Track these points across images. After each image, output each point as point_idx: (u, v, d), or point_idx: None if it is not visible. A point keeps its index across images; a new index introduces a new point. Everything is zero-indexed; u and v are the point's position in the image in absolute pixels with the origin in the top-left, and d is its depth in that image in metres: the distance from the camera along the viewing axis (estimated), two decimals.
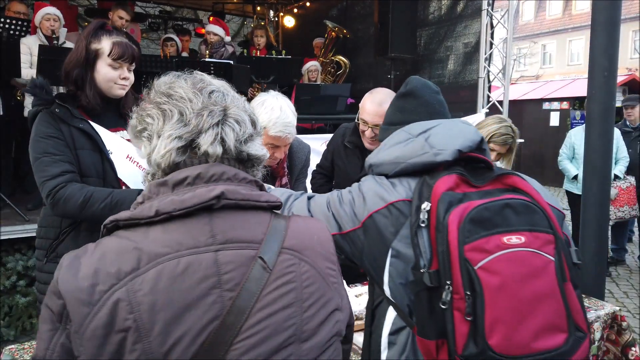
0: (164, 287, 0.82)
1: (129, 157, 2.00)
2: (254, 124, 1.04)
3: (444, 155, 1.25)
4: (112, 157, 1.95)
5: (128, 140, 2.03)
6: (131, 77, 2.00)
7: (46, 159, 1.83)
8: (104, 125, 1.98)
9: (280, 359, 0.88)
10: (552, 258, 1.15)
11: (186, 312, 0.83)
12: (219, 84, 1.05)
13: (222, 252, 0.88)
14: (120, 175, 1.96)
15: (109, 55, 1.91)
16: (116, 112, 2.06)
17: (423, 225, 1.18)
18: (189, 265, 0.85)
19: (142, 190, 1.85)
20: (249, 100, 1.70)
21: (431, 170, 1.26)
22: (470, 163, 1.29)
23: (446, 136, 1.29)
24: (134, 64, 1.99)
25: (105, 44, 1.92)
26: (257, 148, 1.03)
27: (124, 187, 1.98)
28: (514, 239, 1.12)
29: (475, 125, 3.17)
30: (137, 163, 2.01)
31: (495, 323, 1.08)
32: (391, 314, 1.30)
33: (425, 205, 1.18)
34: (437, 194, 1.18)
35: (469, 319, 1.08)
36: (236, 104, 1.02)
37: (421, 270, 1.15)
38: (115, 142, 1.98)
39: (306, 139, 2.96)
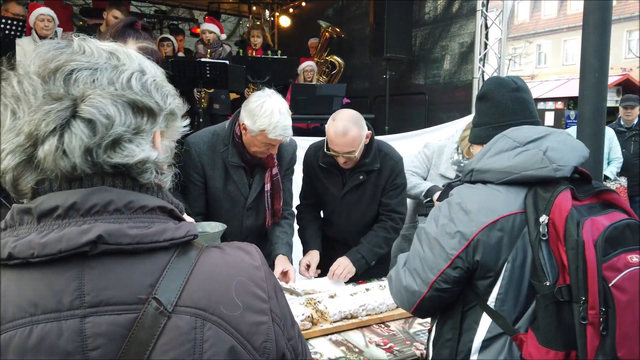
0: None
1: None
2: (140, 111, 0.73)
3: (564, 171, 1.26)
4: None
5: None
6: None
7: None
8: None
9: None
10: None
11: None
12: (97, 54, 0.73)
13: (91, 318, 0.65)
14: None
15: None
16: None
17: (544, 238, 1.21)
18: (44, 337, 0.64)
19: None
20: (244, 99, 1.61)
21: (542, 183, 1.27)
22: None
23: (564, 151, 1.30)
24: None
25: (130, 48, 1.83)
26: (135, 152, 0.72)
27: None
28: (635, 257, 1.19)
29: (465, 125, 3.20)
30: None
31: (625, 337, 1.14)
32: (486, 321, 1.31)
33: (544, 219, 1.21)
34: (564, 209, 1.20)
35: (604, 333, 1.14)
36: (107, 86, 0.71)
37: (546, 284, 1.19)
38: None
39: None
